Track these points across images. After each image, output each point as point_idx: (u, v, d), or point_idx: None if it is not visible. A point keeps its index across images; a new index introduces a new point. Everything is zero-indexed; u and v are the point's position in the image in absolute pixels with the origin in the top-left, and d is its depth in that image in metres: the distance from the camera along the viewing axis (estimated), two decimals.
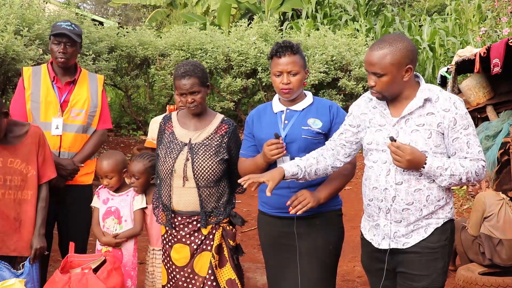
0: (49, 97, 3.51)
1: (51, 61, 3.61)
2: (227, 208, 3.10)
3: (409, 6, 16.65)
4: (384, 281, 2.70)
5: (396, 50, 2.46)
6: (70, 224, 3.57)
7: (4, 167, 3.11)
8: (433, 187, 2.54)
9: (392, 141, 2.45)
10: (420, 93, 2.54)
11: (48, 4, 11.98)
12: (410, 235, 2.58)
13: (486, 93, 7.82)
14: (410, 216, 2.55)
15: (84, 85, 3.62)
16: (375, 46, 2.51)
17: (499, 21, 10.23)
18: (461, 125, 2.50)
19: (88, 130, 3.59)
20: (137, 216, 3.41)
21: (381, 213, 2.60)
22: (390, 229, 2.59)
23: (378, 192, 2.59)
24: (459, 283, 4.65)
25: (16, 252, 3.14)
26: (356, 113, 2.72)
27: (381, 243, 2.64)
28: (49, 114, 3.49)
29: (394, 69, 2.47)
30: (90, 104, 3.59)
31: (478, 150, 2.52)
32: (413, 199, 2.53)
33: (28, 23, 7.86)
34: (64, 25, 3.52)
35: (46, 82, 3.54)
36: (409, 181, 2.53)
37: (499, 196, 4.83)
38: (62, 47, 3.49)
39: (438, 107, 2.52)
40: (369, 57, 2.51)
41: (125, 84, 9.92)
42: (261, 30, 10.57)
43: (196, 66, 3.07)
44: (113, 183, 3.41)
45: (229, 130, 3.12)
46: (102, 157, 3.43)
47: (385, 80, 2.49)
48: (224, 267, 3.05)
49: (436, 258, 2.57)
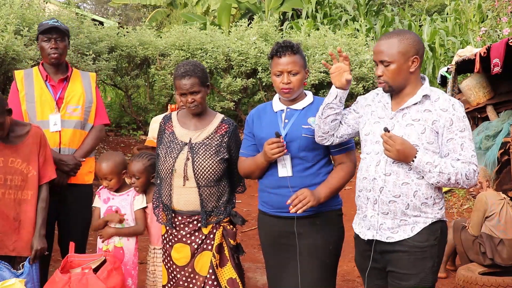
0: (43, 95, 3.51)
1: (42, 62, 3.62)
2: (228, 208, 3.10)
3: (409, 6, 16.65)
4: (376, 280, 2.72)
5: (403, 39, 2.56)
6: (70, 223, 3.57)
7: (5, 167, 3.11)
8: (421, 183, 2.56)
9: (386, 131, 2.51)
10: (421, 91, 2.61)
11: (48, 4, 11.98)
12: (396, 230, 2.60)
13: (486, 93, 7.82)
14: (396, 209, 2.57)
15: (77, 81, 3.63)
16: (384, 36, 2.62)
17: (499, 21, 10.22)
18: (458, 127, 2.54)
19: (85, 126, 3.60)
20: (138, 216, 3.41)
21: (369, 204, 2.64)
22: (377, 220, 2.62)
23: (367, 182, 2.63)
24: (459, 283, 4.65)
25: (15, 252, 3.14)
26: (362, 103, 2.81)
27: (366, 234, 2.66)
28: (45, 112, 3.49)
29: (401, 57, 2.55)
30: (85, 99, 3.59)
31: (471, 154, 2.54)
32: (400, 192, 2.56)
33: (28, 23, 7.85)
34: (51, 22, 3.53)
35: (39, 82, 3.54)
36: (397, 173, 2.57)
37: (500, 196, 4.83)
38: (53, 42, 3.50)
39: (437, 106, 2.58)
40: (378, 46, 2.60)
41: (125, 84, 9.92)
42: (261, 30, 10.56)
43: (196, 66, 3.07)
44: (113, 184, 3.41)
45: (229, 130, 3.12)
46: (101, 159, 3.43)
47: (392, 69, 2.56)
48: (225, 266, 3.05)
49: (424, 257, 2.58)
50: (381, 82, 2.62)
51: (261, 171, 2.92)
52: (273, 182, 2.90)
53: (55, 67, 3.57)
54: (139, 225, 3.41)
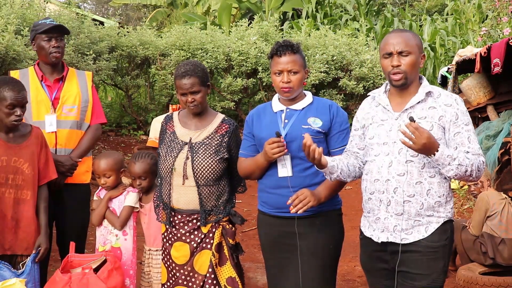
0: (39, 96, 3.51)
1: (37, 62, 3.62)
2: (227, 207, 3.10)
3: (409, 6, 16.64)
4: (384, 281, 2.71)
5: (415, 35, 2.64)
6: (68, 223, 3.56)
7: (8, 166, 3.12)
8: (433, 181, 2.57)
9: (412, 121, 2.44)
10: (422, 88, 2.63)
11: (49, 4, 11.97)
12: (410, 231, 2.59)
13: (487, 93, 7.82)
14: (411, 209, 2.57)
15: (73, 81, 3.62)
16: (396, 31, 2.66)
17: (499, 21, 10.21)
18: (463, 120, 2.57)
19: (82, 126, 3.60)
20: (123, 212, 3.36)
21: (382, 206, 2.62)
22: (390, 222, 2.61)
23: (380, 184, 2.61)
24: (459, 283, 4.65)
25: (10, 251, 3.14)
26: (360, 116, 2.80)
27: (380, 236, 2.65)
28: (41, 112, 3.49)
29: (417, 51, 2.60)
30: (81, 99, 3.58)
31: (478, 147, 2.58)
32: (414, 191, 2.56)
33: (28, 23, 7.85)
34: (48, 21, 3.53)
35: (34, 82, 3.54)
36: (411, 173, 2.56)
37: (501, 196, 4.83)
38: (54, 42, 3.50)
39: (440, 102, 2.59)
40: (394, 38, 2.60)
41: (126, 84, 9.92)
42: (262, 30, 10.55)
43: (197, 65, 3.08)
44: (110, 182, 3.39)
45: (230, 130, 3.12)
46: (100, 156, 3.43)
47: (411, 60, 2.58)
48: (224, 265, 3.06)
49: (437, 257, 2.59)
50: (398, 72, 2.57)
51: (261, 171, 2.92)
52: (273, 182, 2.90)
53: (52, 66, 3.57)
54: (118, 220, 3.35)
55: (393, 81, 2.62)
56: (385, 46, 2.62)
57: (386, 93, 2.73)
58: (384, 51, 2.62)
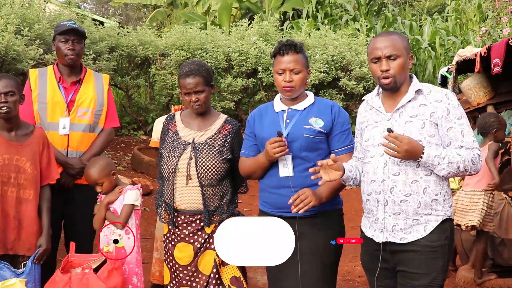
0: (55, 97, 3.52)
1: (57, 62, 3.63)
2: (230, 207, 3.11)
3: (409, 6, 16.64)
4: (384, 280, 2.71)
5: (402, 37, 2.64)
6: (78, 223, 3.57)
7: (10, 164, 3.12)
8: (430, 180, 2.57)
9: (390, 132, 2.49)
10: (411, 87, 2.64)
11: (49, 4, 11.97)
12: (409, 231, 2.59)
13: (487, 93, 7.81)
14: (408, 208, 2.57)
15: (90, 84, 3.64)
16: (382, 34, 2.65)
17: (499, 21, 10.21)
18: (454, 115, 2.58)
19: (95, 129, 3.60)
20: (124, 211, 3.34)
21: (379, 206, 2.63)
22: (389, 222, 2.62)
23: (376, 185, 2.63)
24: (459, 283, 4.65)
25: (13, 252, 3.14)
26: (358, 121, 2.83)
27: (379, 236, 2.66)
28: (56, 114, 3.50)
29: (405, 53, 2.60)
30: (96, 103, 3.60)
31: (472, 140, 2.57)
32: (410, 190, 2.57)
33: (28, 23, 7.84)
34: (69, 24, 3.56)
35: (52, 83, 3.56)
36: (406, 172, 2.57)
37: (501, 196, 4.83)
38: (70, 44, 3.52)
39: (430, 98, 2.61)
40: (381, 42, 2.60)
41: (126, 84, 9.91)
42: (262, 30, 10.55)
43: (201, 65, 3.09)
44: (105, 188, 3.37)
45: (233, 130, 3.13)
46: (88, 167, 3.37)
47: (399, 63, 2.58)
48: (228, 265, 3.06)
49: (436, 257, 2.59)
50: (387, 76, 2.59)
51: (262, 171, 2.93)
52: (274, 182, 2.91)
53: (70, 68, 3.59)
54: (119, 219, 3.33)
55: (383, 85, 2.64)
56: (372, 51, 2.62)
57: (379, 95, 2.75)
58: (372, 55, 2.63)
